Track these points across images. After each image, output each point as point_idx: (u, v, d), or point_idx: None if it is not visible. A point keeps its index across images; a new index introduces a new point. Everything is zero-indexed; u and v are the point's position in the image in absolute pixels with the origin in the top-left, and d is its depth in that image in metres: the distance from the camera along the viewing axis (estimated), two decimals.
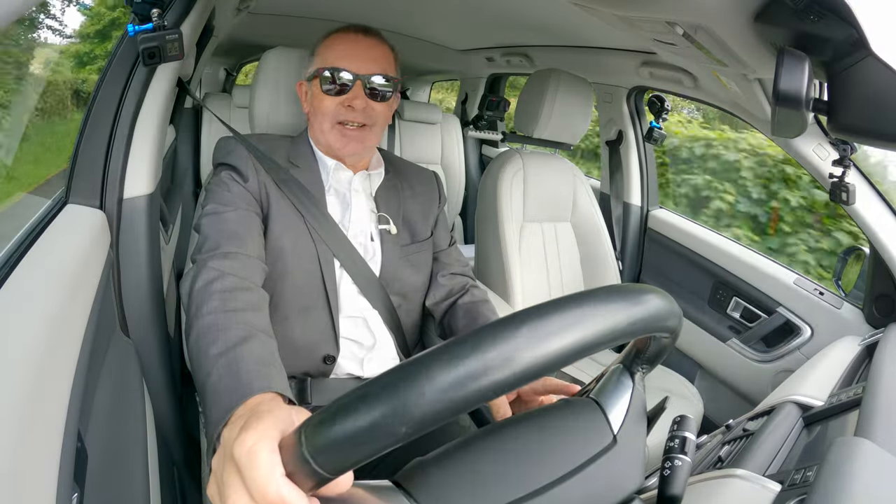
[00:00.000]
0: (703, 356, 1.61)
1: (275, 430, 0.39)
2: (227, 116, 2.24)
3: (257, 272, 0.77)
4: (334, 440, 0.31)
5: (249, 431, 0.38)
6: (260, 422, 0.40)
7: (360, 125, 0.89)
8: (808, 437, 0.74)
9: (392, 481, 0.40)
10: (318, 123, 0.91)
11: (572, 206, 1.66)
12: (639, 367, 0.51)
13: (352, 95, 0.87)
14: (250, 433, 0.38)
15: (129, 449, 0.75)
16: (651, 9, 0.85)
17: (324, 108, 0.88)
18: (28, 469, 0.42)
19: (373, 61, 0.88)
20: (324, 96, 0.88)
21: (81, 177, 0.87)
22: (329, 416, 0.32)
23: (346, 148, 0.90)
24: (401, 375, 0.31)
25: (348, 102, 0.87)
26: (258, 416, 0.42)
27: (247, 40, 2.60)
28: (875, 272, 1.21)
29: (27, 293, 0.57)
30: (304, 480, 0.34)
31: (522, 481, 0.41)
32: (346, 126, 0.89)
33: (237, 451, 0.38)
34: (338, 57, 0.87)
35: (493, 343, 0.31)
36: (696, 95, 1.50)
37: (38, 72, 2.70)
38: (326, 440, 0.31)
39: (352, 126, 0.89)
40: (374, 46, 0.90)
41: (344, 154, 0.91)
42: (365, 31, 0.91)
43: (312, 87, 0.91)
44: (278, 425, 0.39)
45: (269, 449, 0.36)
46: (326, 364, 0.88)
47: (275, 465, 0.35)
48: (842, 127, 0.70)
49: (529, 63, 2.05)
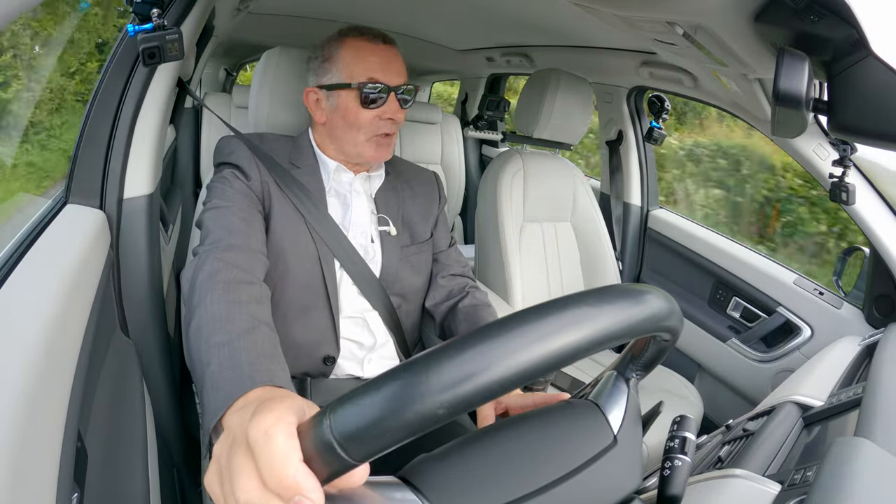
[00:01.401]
0: (702, 356, 1.61)
1: (292, 415, 0.36)
2: (227, 116, 2.24)
3: (260, 266, 0.76)
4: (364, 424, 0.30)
5: (266, 413, 0.36)
6: (278, 404, 0.38)
7: (387, 133, 0.90)
8: (808, 437, 0.74)
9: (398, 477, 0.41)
10: (349, 136, 0.89)
11: (572, 206, 1.66)
12: (633, 373, 0.51)
13: (393, 108, 0.88)
14: (268, 415, 0.36)
15: (129, 449, 0.75)
16: (651, 9, 0.85)
17: (361, 121, 0.87)
18: (28, 469, 0.42)
19: (401, 72, 0.90)
20: (361, 109, 0.87)
21: (81, 177, 0.87)
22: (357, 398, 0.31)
23: (379, 157, 0.90)
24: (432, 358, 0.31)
25: (389, 115, 0.88)
26: (274, 400, 0.40)
27: (247, 40, 2.60)
28: (875, 272, 1.21)
29: (27, 293, 0.57)
30: (320, 469, 0.33)
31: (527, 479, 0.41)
32: (379, 137, 0.89)
33: (252, 433, 0.35)
34: (372, 69, 0.87)
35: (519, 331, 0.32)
36: (696, 95, 1.50)
37: None
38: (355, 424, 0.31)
39: (384, 136, 0.90)
40: (396, 55, 0.91)
41: (376, 162, 0.92)
42: (384, 39, 0.90)
43: (339, 98, 0.88)
44: (296, 410, 0.38)
45: (288, 433, 0.34)
46: (326, 364, 0.89)
47: (293, 450, 0.33)
48: (842, 127, 0.70)
49: (529, 63, 2.05)
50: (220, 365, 0.53)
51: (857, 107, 0.65)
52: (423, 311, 1.00)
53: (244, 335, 0.58)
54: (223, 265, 0.69)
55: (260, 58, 1.10)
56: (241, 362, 0.53)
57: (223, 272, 0.68)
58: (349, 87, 0.87)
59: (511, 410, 0.72)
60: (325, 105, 0.90)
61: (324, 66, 0.90)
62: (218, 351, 0.55)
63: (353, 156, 0.91)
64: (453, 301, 0.98)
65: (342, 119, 0.88)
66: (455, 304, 0.97)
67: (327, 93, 0.89)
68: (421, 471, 0.41)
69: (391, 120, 0.88)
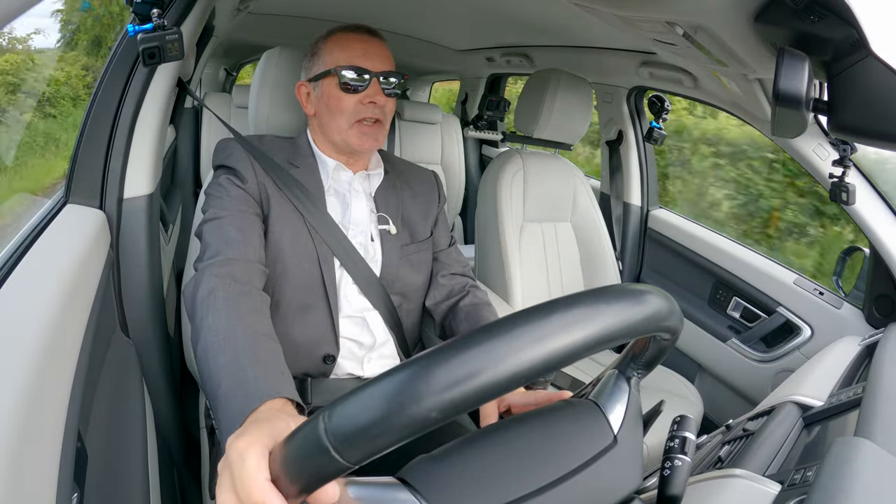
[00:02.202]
0: (703, 356, 1.61)
1: (267, 437, 0.41)
2: (226, 116, 2.24)
3: (258, 276, 0.78)
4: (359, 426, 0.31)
5: (244, 436, 0.42)
6: (255, 428, 0.43)
7: (374, 121, 0.90)
8: (808, 437, 0.74)
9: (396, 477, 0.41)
10: (333, 123, 0.90)
11: (572, 206, 1.66)
12: (634, 372, 0.51)
13: (372, 92, 0.89)
14: (244, 437, 0.41)
15: (129, 449, 0.75)
16: (651, 9, 0.85)
17: (342, 107, 0.88)
18: (28, 469, 0.42)
19: (385, 59, 0.91)
20: (342, 94, 0.88)
21: (81, 177, 0.87)
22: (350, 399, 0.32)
23: (364, 145, 0.91)
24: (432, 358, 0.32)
25: (369, 99, 0.89)
26: (256, 423, 0.45)
27: (247, 40, 2.60)
28: (875, 272, 1.21)
29: (27, 293, 0.57)
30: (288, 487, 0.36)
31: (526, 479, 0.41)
32: (363, 123, 0.90)
33: (230, 453, 0.41)
34: (354, 56, 0.88)
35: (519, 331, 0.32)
36: (696, 95, 1.50)
37: None
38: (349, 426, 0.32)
39: (368, 123, 0.90)
40: (382, 46, 0.92)
41: (362, 150, 0.92)
42: (369, 32, 0.92)
43: (322, 86, 0.90)
44: (272, 433, 0.42)
45: (258, 453, 0.39)
46: (326, 364, 0.88)
47: (261, 469, 0.38)
48: (842, 127, 0.70)
49: (529, 63, 2.05)
50: (230, 386, 0.57)
51: (857, 107, 0.65)
52: (424, 311, 1.01)
53: (248, 353, 0.61)
54: (220, 281, 0.71)
55: (260, 58, 1.10)
56: (247, 378, 0.57)
57: (221, 289, 0.70)
58: (330, 74, 0.88)
59: (514, 408, 0.73)
60: (313, 97, 0.92)
61: (311, 60, 0.93)
62: (225, 370, 0.59)
63: (341, 144, 0.92)
64: (454, 300, 0.98)
65: (326, 106, 0.90)
66: (455, 303, 0.97)
67: (314, 84, 0.92)
68: (419, 471, 0.41)
69: (373, 104, 0.89)
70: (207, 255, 0.77)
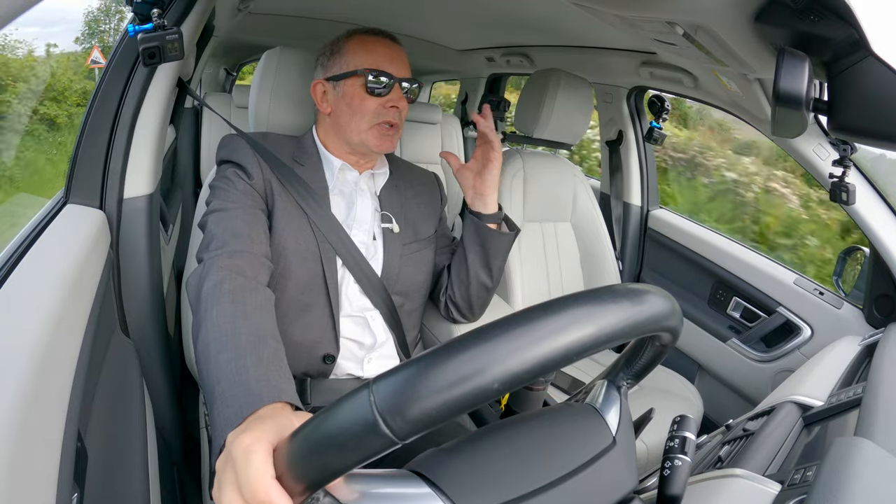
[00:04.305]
0: (703, 356, 1.61)
1: (273, 434, 0.41)
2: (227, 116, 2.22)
3: (264, 271, 0.77)
4: (414, 397, 0.31)
5: (248, 433, 0.41)
6: (260, 425, 0.43)
7: (391, 124, 0.91)
8: (808, 436, 0.74)
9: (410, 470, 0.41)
10: (353, 123, 0.90)
11: (572, 206, 1.66)
12: (623, 381, 0.52)
13: (395, 96, 0.90)
14: (249, 434, 0.41)
15: (129, 449, 0.75)
16: (651, 9, 0.85)
17: (365, 108, 0.89)
18: (28, 469, 0.42)
19: (406, 67, 0.92)
20: (366, 96, 0.89)
21: (81, 177, 0.87)
22: (401, 372, 0.32)
23: (382, 146, 0.91)
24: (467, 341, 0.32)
25: (392, 104, 0.90)
26: (260, 420, 0.45)
27: (247, 40, 2.60)
28: (875, 272, 1.21)
29: (27, 293, 0.57)
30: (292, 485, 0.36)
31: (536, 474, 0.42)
32: (383, 126, 0.90)
33: (234, 451, 0.40)
34: (380, 60, 0.89)
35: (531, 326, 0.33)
36: (696, 95, 1.50)
37: None
38: (402, 399, 0.31)
39: (387, 126, 0.91)
40: (402, 53, 0.93)
41: (379, 151, 0.93)
42: (391, 38, 0.93)
43: (345, 86, 0.90)
44: (277, 430, 0.42)
45: (265, 450, 0.39)
46: (326, 364, 0.88)
47: (266, 468, 0.38)
48: (842, 127, 0.70)
49: (529, 63, 2.05)
50: (229, 384, 0.56)
51: (857, 107, 0.65)
52: (424, 310, 1.01)
53: (250, 352, 0.60)
54: (227, 274, 0.70)
55: (260, 58, 1.10)
56: (248, 380, 0.56)
57: (227, 282, 0.69)
58: (355, 75, 0.89)
59: None
60: (331, 95, 0.92)
61: (332, 59, 0.92)
62: (226, 368, 0.57)
63: (358, 145, 0.92)
64: None
65: (347, 106, 0.90)
66: None
67: (334, 83, 0.91)
68: (434, 463, 0.41)
69: (395, 108, 0.90)
70: (213, 245, 0.75)
